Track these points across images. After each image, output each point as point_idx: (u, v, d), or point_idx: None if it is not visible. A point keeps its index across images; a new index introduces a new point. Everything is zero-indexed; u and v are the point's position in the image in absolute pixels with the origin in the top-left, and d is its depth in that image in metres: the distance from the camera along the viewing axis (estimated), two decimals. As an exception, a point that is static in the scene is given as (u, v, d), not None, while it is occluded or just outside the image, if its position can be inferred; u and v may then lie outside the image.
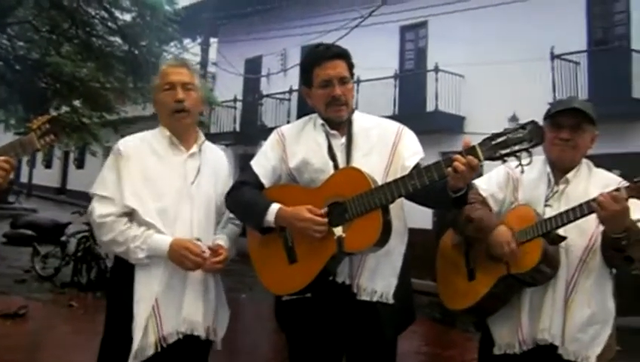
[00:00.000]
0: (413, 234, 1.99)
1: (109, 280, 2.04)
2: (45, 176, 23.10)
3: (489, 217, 1.94)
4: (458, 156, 1.64)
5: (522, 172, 1.69)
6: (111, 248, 1.90)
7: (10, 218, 12.34)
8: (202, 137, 2.04)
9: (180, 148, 1.98)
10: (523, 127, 1.61)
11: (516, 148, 1.61)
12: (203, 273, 1.91)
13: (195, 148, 2.00)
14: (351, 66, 1.96)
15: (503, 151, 1.62)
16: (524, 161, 1.62)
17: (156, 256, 1.85)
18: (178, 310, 1.86)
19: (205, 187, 1.97)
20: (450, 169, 1.64)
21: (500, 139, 1.63)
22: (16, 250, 9.56)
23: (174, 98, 1.95)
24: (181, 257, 1.83)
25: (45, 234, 9.78)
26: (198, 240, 1.90)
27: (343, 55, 1.95)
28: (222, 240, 1.97)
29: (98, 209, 1.89)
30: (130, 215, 1.89)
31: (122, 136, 2.08)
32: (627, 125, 8.33)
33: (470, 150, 1.65)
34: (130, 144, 1.97)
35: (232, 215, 2.04)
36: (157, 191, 1.90)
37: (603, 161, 2.24)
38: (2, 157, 1.69)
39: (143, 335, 1.81)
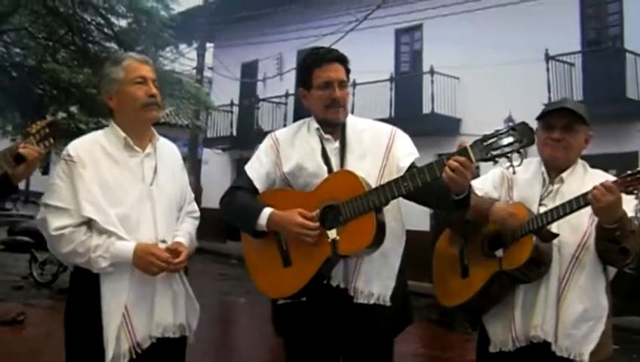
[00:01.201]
0: (411, 236, 2.00)
1: (69, 292, 1.92)
2: (42, 183, 22.96)
3: (483, 200, 1.97)
4: (451, 157, 1.66)
5: (514, 173, 1.72)
6: (71, 260, 1.81)
7: (7, 225, 12.32)
8: (157, 135, 1.97)
9: (136, 149, 1.89)
10: (514, 128, 1.64)
11: (507, 149, 1.63)
12: (169, 274, 1.86)
13: (150, 148, 1.93)
14: (348, 71, 1.98)
15: (495, 153, 1.64)
16: (515, 162, 1.64)
17: (120, 263, 1.78)
18: (149, 315, 1.82)
19: (165, 186, 1.91)
20: (445, 172, 1.66)
21: (491, 141, 1.65)
22: (14, 257, 9.54)
23: (148, 92, 1.88)
24: (147, 264, 1.77)
25: (43, 240, 9.64)
26: (164, 241, 1.86)
27: (343, 59, 1.97)
28: (181, 237, 1.91)
29: (54, 221, 1.77)
30: (88, 224, 1.79)
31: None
32: (622, 125, 8.37)
33: (462, 151, 1.67)
34: (80, 148, 1.85)
35: (190, 208, 2.03)
36: (115, 197, 1.81)
37: (599, 161, 2.26)
38: (36, 148, 1.70)
39: (116, 344, 1.76)
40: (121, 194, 1.82)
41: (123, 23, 9.13)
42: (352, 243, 1.75)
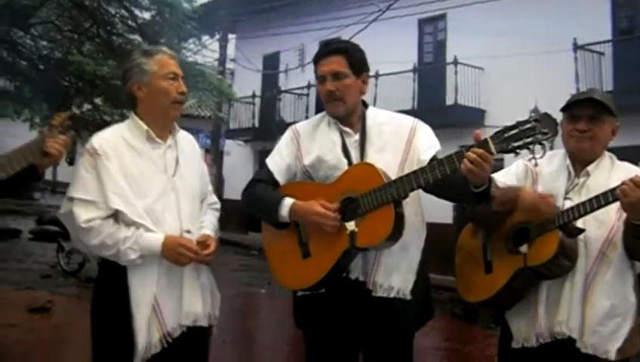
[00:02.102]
0: (433, 229, 1.98)
1: (96, 282, 1.93)
2: (69, 173, 23.43)
3: (508, 188, 1.93)
4: (470, 149, 1.63)
5: (536, 165, 1.67)
6: (100, 252, 1.82)
7: (35, 214, 12.64)
8: (177, 127, 1.98)
9: (158, 141, 1.91)
10: (536, 119, 1.59)
11: (529, 140, 1.59)
12: (194, 263, 1.88)
13: (171, 140, 1.94)
14: (355, 62, 1.93)
15: (516, 144, 1.60)
16: (537, 154, 1.60)
17: (149, 255, 1.79)
18: (178, 304, 1.84)
19: (187, 176, 1.93)
20: (463, 163, 1.62)
21: (512, 132, 1.61)
22: (42, 246, 9.79)
23: (178, 89, 1.91)
24: (177, 255, 1.79)
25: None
26: (188, 231, 1.88)
27: (341, 50, 1.93)
28: (208, 229, 1.95)
29: (82, 214, 1.78)
30: (115, 216, 1.81)
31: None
32: (654, 116, 8.11)
33: (482, 143, 1.63)
34: (105, 141, 1.87)
35: (211, 200, 2.05)
36: (140, 188, 1.83)
37: (628, 154, 2.19)
38: (62, 137, 1.75)
39: (147, 334, 1.78)
40: (146, 186, 1.84)
41: (146, 15, 9.23)
42: (370, 236, 1.75)
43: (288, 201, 1.85)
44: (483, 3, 9.48)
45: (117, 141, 1.88)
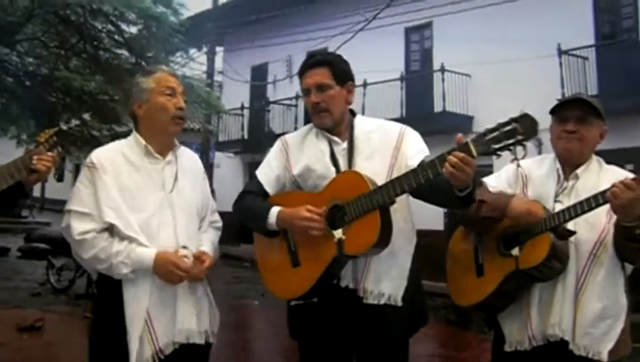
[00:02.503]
0: (425, 235, 1.99)
1: (96, 295, 1.97)
2: (57, 190, 23.30)
3: (501, 194, 1.94)
4: (451, 153, 1.63)
5: (518, 166, 1.68)
6: (93, 265, 1.84)
7: (24, 232, 12.49)
8: (177, 143, 2.00)
9: (156, 157, 1.93)
10: (516, 120, 1.60)
11: (510, 141, 1.59)
12: (190, 280, 1.89)
13: (170, 156, 1.96)
14: (339, 72, 1.94)
15: (497, 146, 1.60)
16: (519, 155, 1.60)
17: (141, 269, 1.80)
18: (172, 321, 1.84)
19: (185, 193, 1.94)
20: (445, 167, 1.63)
21: (493, 134, 1.61)
22: (31, 264, 9.66)
23: (176, 105, 1.93)
24: (167, 273, 1.80)
25: (59, 247, 9.81)
26: (185, 247, 1.88)
27: (324, 62, 1.95)
28: (206, 247, 1.95)
29: (77, 226, 1.81)
30: (111, 230, 1.82)
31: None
32: (638, 119, 8.23)
33: (463, 146, 1.64)
34: (103, 155, 1.90)
35: (213, 218, 2.05)
36: (136, 203, 1.84)
37: (615, 157, 2.21)
38: (49, 153, 1.74)
39: (139, 349, 1.78)
40: (141, 201, 1.85)
41: (133, 29, 9.22)
42: (357, 243, 1.75)
43: (275, 209, 1.86)
44: (468, 11, 9.61)
45: (115, 155, 1.90)
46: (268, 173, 1.99)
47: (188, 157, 2.04)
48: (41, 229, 13.01)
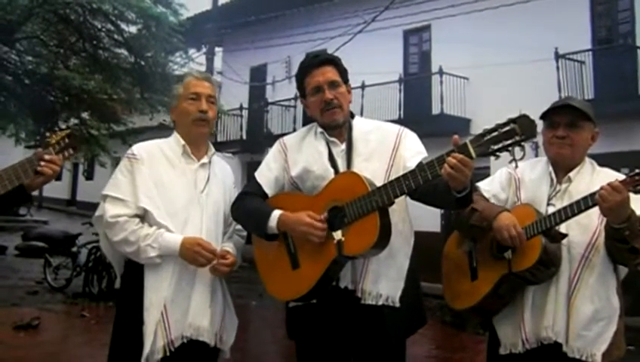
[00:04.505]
0: (423, 237, 2.00)
1: (119, 288, 2.07)
2: (55, 188, 23.29)
3: (492, 206, 1.95)
4: (450, 154, 1.64)
5: (516, 167, 1.68)
6: (122, 248, 1.92)
7: (21, 230, 12.49)
8: (212, 149, 2.10)
9: (192, 158, 2.03)
10: (514, 121, 1.59)
11: (508, 142, 1.59)
12: (210, 279, 1.94)
13: (205, 159, 2.06)
14: (343, 71, 1.98)
15: (495, 147, 1.60)
16: (518, 156, 1.60)
17: (167, 254, 1.88)
18: (184, 315, 1.89)
19: (214, 196, 2.02)
20: (444, 168, 1.64)
21: (491, 135, 1.61)
22: (28, 262, 9.66)
23: (199, 108, 2.02)
24: (194, 254, 1.87)
25: (56, 245, 9.88)
26: None
27: (332, 61, 1.98)
28: (229, 248, 2.01)
29: (111, 209, 1.92)
30: (142, 217, 1.92)
31: (130, 146, 2.10)
32: (634, 123, 8.27)
33: (462, 147, 1.64)
34: (143, 149, 2.02)
35: (238, 226, 2.08)
36: (168, 196, 1.94)
37: (610, 160, 2.24)
38: (54, 156, 1.76)
39: (153, 340, 1.84)
40: (173, 195, 1.96)
41: (133, 29, 9.24)
42: (356, 244, 1.75)
43: (276, 213, 1.86)
44: (467, 14, 9.64)
45: (155, 150, 2.03)
46: (267, 175, 2.00)
47: (221, 167, 2.14)
48: (38, 227, 13.01)
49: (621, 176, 1.82)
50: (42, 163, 1.74)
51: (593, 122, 1.95)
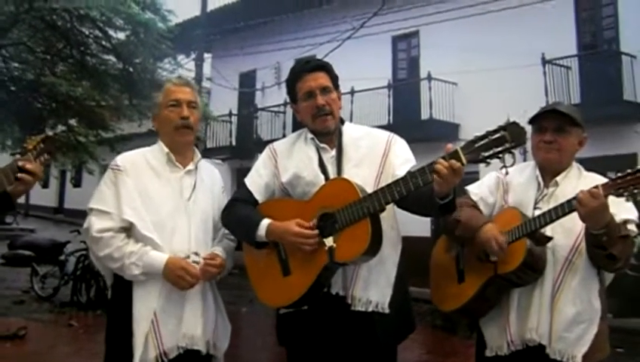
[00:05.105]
0: (412, 242, 2.00)
1: (110, 298, 2.05)
2: (42, 196, 23.04)
3: (476, 217, 1.96)
4: (440, 160, 1.65)
5: (506, 173, 1.70)
6: (106, 264, 1.90)
7: (7, 239, 12.30)
8: (199, 155, 2.08)
9: (177, 165, 2.01)
10: (504, 128, 1.61)
11: (498, 149, 1.61)
12: (202, 286, 1.93)
13: (191, 166, 2.03)
14: (334, 77, 1.99)
15: (486, 154, 1.62)
16: (508, 162, 1.62)
17: (151, 272, 1.85)
18: (177, 325, 1.87)
19: (201, 203, 2.00)
20: (433, 174, 1.65)
21: (482, 142, 1.63)
22: (15, 271, 9.52)
23: (180, 115, 1.99)
24: (177, 278, 1.85)
25: (44, 253, 9.75)
26: (196, 254, 1.92)
27: (323, 67, 1.99)
28: (218, 251, 1.99)
29: (96, 223, 1.89)
30: (128, 230, 1.90)
31: (119, 153, 2.09)
32: (620, 127, 8.39)
33: (453, 154, 1.65)
34: (127, 159, 2.00)
35: (227, 231, 2.06)
36: (153, 206, 1.92)
37: (597, 164, 2.26)
38: (33, 165, 1.69)
39: (144, 351, 1.82)
40: (158, 205, 1.93)
41: (121, 35, 9.18)
42: (348, 250, 1.75)
43: (265, 222, 1.85)
44: (454, 20, 9.74)
45: (139, 160, 2.00)
46: (257, 181, 1.99)
47: (208, 172, 2.11)
48: (25, 236, 12.83)
49: (606, 181, 1.84)
50: (22, 170, 1.69)
51: (581, 127, 1.97)
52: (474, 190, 2.08)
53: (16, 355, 4.81)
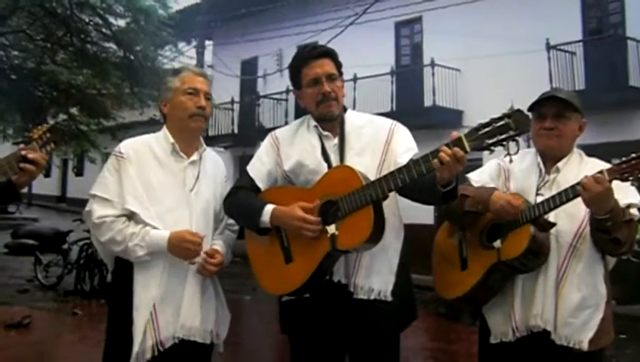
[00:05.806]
0: (416, 229, 1.99)
1: (110, 285, 2.07)
2: (45, 185, 23.10)
3: (484, 188, 1.96)
4: (444, 147, 1.63)
5: (511, 161, 1.69)
6: (110, 248, 1.90)
7: (11, 228, 12.35)
8: (204, 145, 2.06)
9: (181, 155, 1.99)
10: (508, 115, 1.60)
11: (502, 136, 1.59)
12: (200, 277, 1.93)
13: (195, 156, 2.02)
14: (339, 65, 1.97)
15: (490, 141, 1.61)
16: (512, 150, 1.61)
17: (156, 251, 1.86)
18: (175, 316, 1.87)
19: (204, 194, 1.99)
20: (436, 161, 1.64)
21: (486, 129, 1.61)
22: (18, 260, 9.57)
23: (197, 104, 1.98)
24: (183, 249, 1.84)
25: (47, 242, 9.78)
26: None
27: (329, 53, 1.97)
28: (218, 246, 1.99)
29: (98, 210, 1.89)
30: (130, 217, 1.90)
31: (120, 141, 2.06)
32: (625, 113, 8.32)
33: (456, 141, 1.64)
34: (131, 146, 1.98)
35: (230, 221, 2.06)
36: (156, 196, 1.91)
37: (602, 150, 2.24)
38: (38, 153, 1.68)
39: (142, 339, 1.83)
40: (161, 195, 1.92)
41: (121, 22, 9.14)
42: (350, 238, 1.75)
43: (269, 207, 1.85)
44: (458, 5, 9.62)
45: (143, 148, 1.98)
46: (259, 168, 1.98)
47: (212, 162, 2.09)
48: (28, 225, 12.88)
49: (608, 166, 1.81)
50: (26, 160, 1.68)
51: (580, 112, 1.96)
52: (475, 177, 2.06)
53: (21, 344, 4.84)
